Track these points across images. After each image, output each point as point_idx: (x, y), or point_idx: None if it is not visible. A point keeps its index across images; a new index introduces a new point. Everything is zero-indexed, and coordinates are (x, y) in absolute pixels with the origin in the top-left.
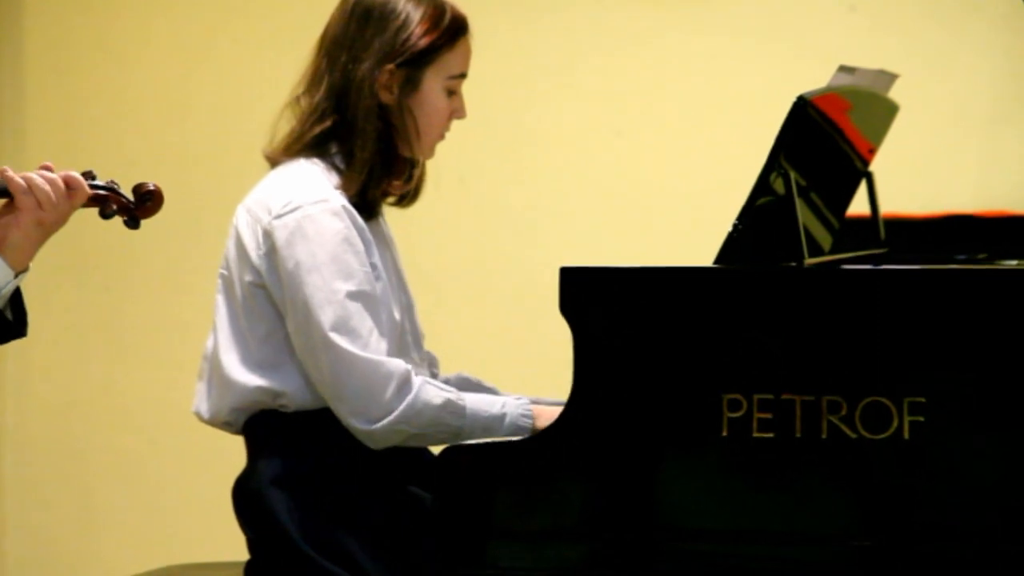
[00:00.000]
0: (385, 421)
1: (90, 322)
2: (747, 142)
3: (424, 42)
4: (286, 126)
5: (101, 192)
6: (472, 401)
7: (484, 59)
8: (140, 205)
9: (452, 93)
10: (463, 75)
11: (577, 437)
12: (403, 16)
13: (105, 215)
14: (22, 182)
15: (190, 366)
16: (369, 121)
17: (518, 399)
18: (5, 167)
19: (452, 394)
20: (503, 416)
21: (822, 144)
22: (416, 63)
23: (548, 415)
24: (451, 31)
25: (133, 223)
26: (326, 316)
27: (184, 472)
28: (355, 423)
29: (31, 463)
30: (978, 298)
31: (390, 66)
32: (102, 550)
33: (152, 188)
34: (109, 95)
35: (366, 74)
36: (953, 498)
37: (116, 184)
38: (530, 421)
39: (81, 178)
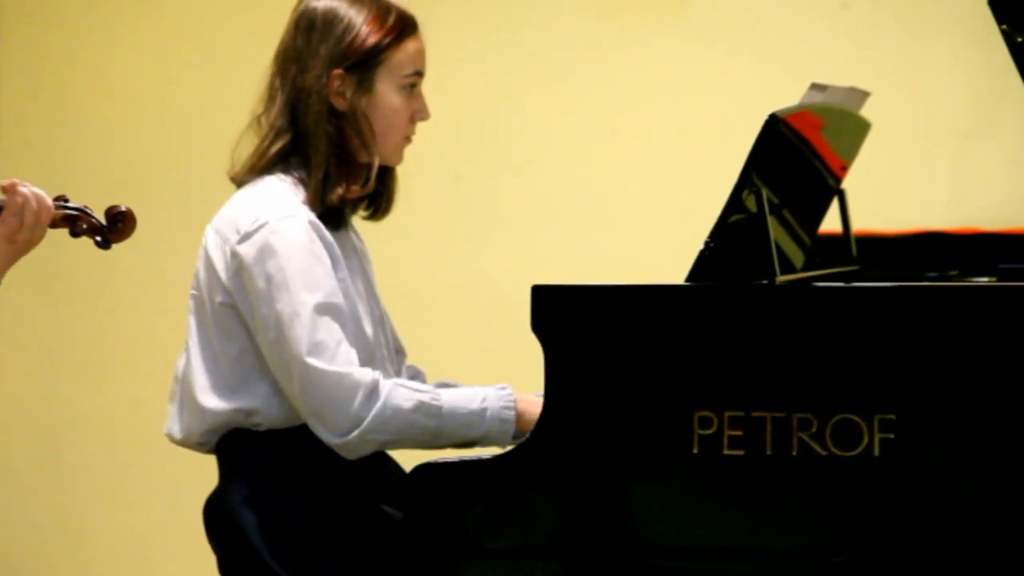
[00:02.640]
0: (356, 431)
1: (63, 339)
2: (725, 158)
3: (370, 42)
4: (248, 147)
5: (71, 212)
6: (449, 399)
7: (460, 69)
8: (112, 227)
9: (410, 94)
10: (418, 74)
11: (549, 454)
12: (347, 20)
13: (75, 234)
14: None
15: (165, 384)
16: (320, 126)
17: (500, 388)
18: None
19: (426, 395)
20: (483, 411)
21: (794, 161)
22: (365, 65)
23: (532, 404)
24: (397, 30)
25: (104, 244)
26: (295, 331)
27: (159, 490)
28: (328, 436)
29: (3, 481)
30: (949, 315)
31: (339, 71)
32: (75, 568)
33: (124, 210)
34: (82, 114)
35: (314, 82)
36: (923, 514)
37: (89, 208)
38: (512, 412)
39: (45, 195)
